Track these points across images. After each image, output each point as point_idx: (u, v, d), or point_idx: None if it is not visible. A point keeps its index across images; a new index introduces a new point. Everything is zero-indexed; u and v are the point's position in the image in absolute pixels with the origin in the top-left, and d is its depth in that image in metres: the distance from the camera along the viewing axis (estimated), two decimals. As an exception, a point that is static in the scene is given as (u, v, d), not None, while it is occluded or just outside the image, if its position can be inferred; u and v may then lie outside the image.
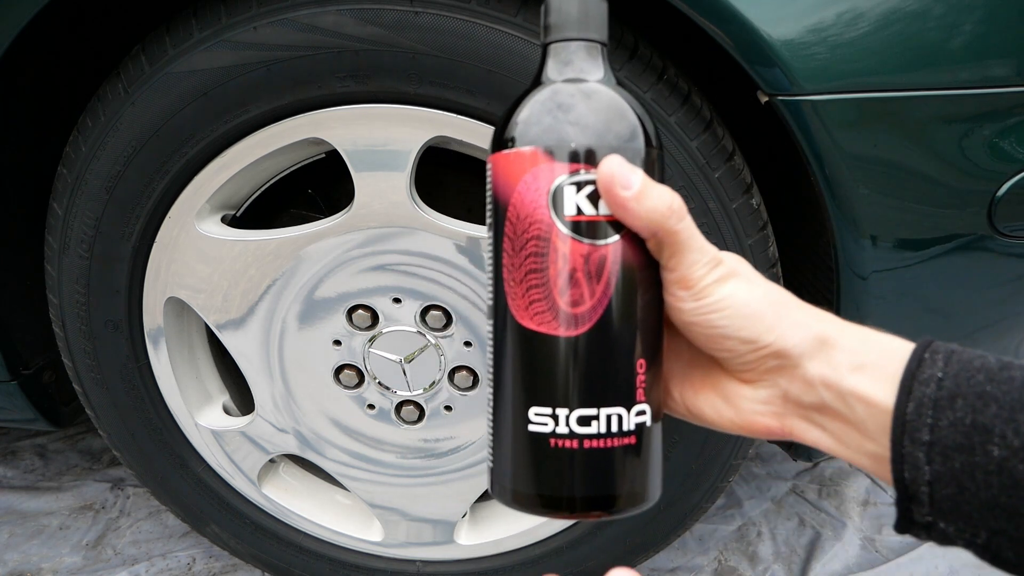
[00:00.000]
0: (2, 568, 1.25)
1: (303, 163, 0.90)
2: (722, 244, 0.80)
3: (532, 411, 0.41)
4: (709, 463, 0.94)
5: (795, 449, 0.99)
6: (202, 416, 1.01)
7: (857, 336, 0.40)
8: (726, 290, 0.40)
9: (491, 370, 0.44)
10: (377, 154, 0.79)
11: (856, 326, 0.41)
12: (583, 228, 0.40)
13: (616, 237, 0.40)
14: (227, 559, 1.26)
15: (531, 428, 0.41)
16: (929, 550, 1.23)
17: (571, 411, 0.40)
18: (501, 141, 0.42)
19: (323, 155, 0.89)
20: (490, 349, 0.44)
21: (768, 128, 0.82)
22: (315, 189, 1.01)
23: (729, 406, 0.44)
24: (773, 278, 0.84)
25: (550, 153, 0.40)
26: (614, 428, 0.40)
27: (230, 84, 0.76)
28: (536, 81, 0.43)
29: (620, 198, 0.38)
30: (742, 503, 1.42)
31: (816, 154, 0.71)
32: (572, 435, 0.40)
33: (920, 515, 0.37)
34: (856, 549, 1.28)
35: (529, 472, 0.41)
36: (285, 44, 0.74)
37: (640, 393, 0.41)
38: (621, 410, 0.40)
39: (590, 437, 0.40)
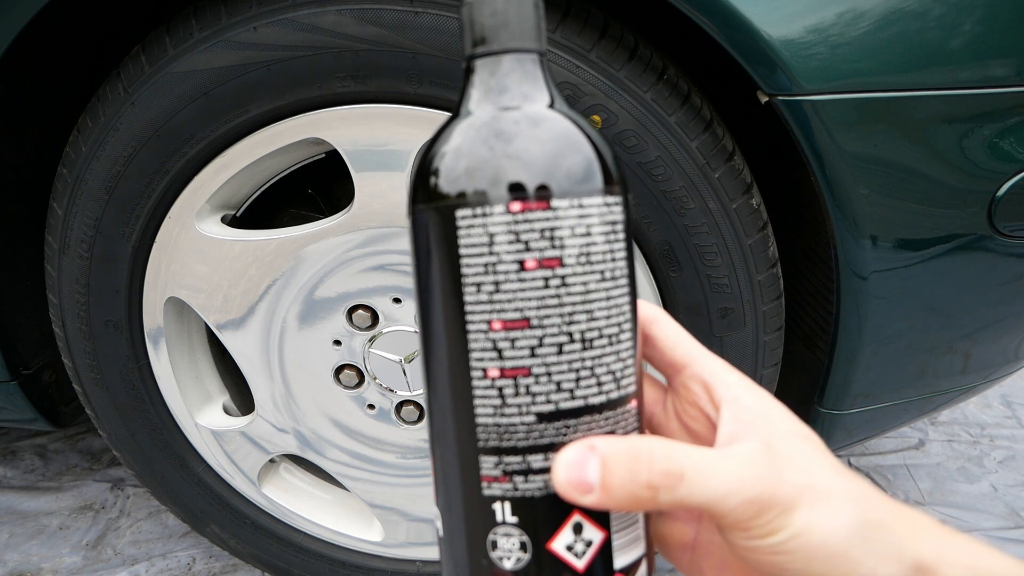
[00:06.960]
0: (2, 568, 1.25)
1: (303, 163, 0.90)
2: (722, 244, 0.80)
3: None
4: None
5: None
6: (202, 416, 1.01)
7: (962, 562, 0.31)
8: (796, 525, 0.30)
9: None
10: (377, 154, 0.79)
11: (958, 541, 0.32)
12: None
13: None
14: (227, 559, 1.26)
15: None
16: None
17: None
18: None
19: (323, 155, 0.89)
20: None
21: (768, 128, 0.82)
22: (315, 189, 1.01)
23: None
24: (773, 278, 0.84)
25: None
26: None
27: (230, 84, 0.76)
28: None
29: (590, 504, 0.30)
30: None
31: (816, 154, 0.71)
32: None
33: None
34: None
35: None
36: (285, 44, 0.74)
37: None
38: None
39: None
